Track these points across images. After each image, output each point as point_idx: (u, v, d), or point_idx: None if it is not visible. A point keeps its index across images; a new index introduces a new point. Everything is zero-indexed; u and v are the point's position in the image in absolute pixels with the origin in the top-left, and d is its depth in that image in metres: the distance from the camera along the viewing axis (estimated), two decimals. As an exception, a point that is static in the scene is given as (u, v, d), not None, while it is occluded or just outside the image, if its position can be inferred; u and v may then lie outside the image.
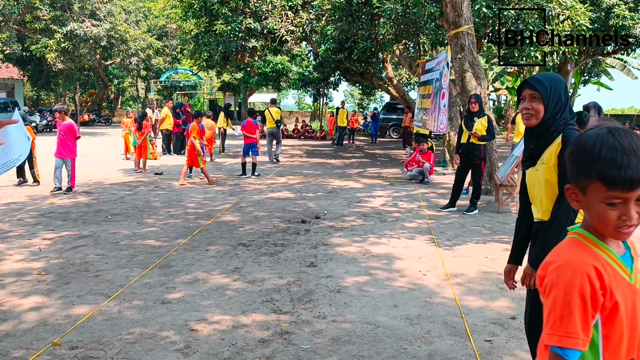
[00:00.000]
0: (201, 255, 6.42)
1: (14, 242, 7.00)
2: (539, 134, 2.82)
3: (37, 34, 29.48)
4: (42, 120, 34.26)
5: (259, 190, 11.38)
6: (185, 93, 47.96)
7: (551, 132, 2.78)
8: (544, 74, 2.85)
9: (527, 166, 2.92)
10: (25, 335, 4.19)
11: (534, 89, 2.78)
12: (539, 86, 2.78)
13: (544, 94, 2.76)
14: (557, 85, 2.79)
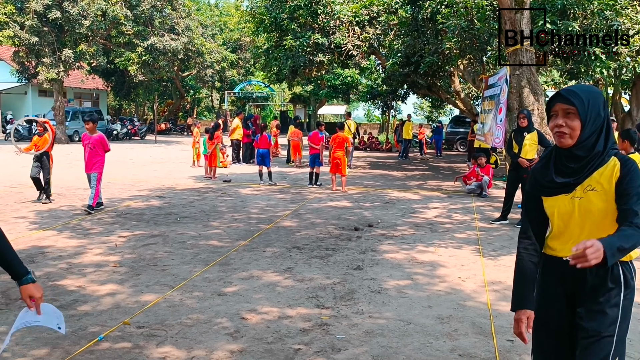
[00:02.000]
0: (258, 256, 6.99)
1: (94, 239, 7.82)
2: (577, 157, 2.41)
3: (121, 48, 31.35)
4: (123, 129, 36.27)
5: (319, 199, 11.91)
6: (258, 104, 49.42)
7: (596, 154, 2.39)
8: (578, 86, 2.45)
9: (554, 193, 2.47)
10: (101, 315, 4.85)
11: (569, 103, 2.37)
12: (574, 99, 2.36)
13: (580, 108, 2.35)
14: (595, 99, 2.38)
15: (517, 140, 8.92)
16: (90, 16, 27.82)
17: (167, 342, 4.28)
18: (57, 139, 29.87)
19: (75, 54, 28.63)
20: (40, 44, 27.96)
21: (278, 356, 4.07)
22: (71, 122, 31.94)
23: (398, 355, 4.12)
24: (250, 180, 15.19)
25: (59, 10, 27.31)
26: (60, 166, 17.74)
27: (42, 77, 28.63)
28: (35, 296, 2.61)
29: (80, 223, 8.90)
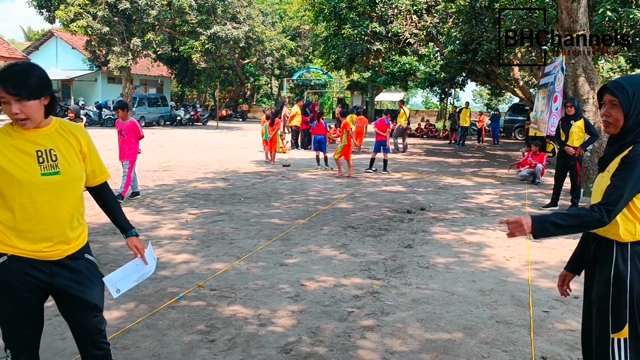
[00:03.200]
0: (316, 233, 7.56)
1: (167, 215, 8.58)
2: (615, 140, 2.66)
3: (185, 36, 32.52)
4: (186, 115, 37.55)
5: (374, 184, 12.39)
6: (316, 91, 50.05)
7: (626, 141, 2.59)
8: (630, 78, 2.61)
9: (599, 171, 2.76)
10: (178, 279, 5.53)
11: (613, 95, 2.57)
12: (619, 92, 2.55)
13: (623, 101, 2.54)
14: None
15: (564, 128, 9.14)
16: (157, 6, 29.03)
17: (236, 302, 4.90)
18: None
19: (142, 42, 29.93)
20: (111, 33, 29.38)
21: (333, 316, 4.62)
22: (137, 108, 33.38)
23: (440, 319, 4.60)
24: (308, 165, 15.80)
25: (128, 1, 28.60)
26: (130, 150, 18.84)
27: (112, 65, 30.10)
28: (139, 246, 3.12)
29: (154, 201, 9.71)
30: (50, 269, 2.75)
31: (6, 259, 2.67)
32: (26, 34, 65.36)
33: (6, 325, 2.78)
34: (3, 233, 2.67)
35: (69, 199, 2.77)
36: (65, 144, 2.79)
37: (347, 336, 4.23)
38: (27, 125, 2.65)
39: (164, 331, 4.26)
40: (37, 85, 2.62)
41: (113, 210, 3.05)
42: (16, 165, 2.63)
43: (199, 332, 4.26)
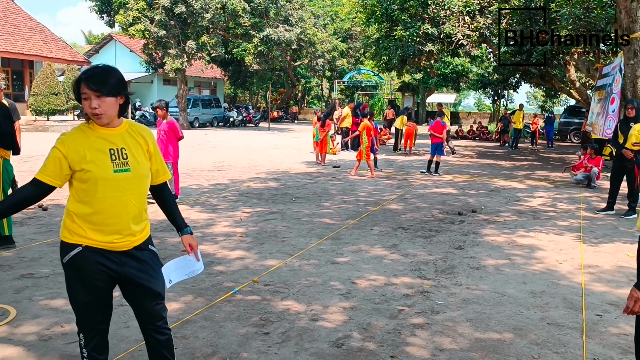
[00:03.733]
0: (366, 233, 7.66)
1: (221, 213, 8.84)
2: None
3: (238, 39, 33.07)
4: (239, 116, 38.20)
5: (425, 185, 12.38)
6: (366, 93, 50.05)
7: None
8: None
9: None
10: (234, 274, 5.72)
11: None
12: None
13: None
14: None
15: (623, 131, 8.94)
16: (212, 9, 29.64)
17: (290, 298, 5.06)
18: (180, 125, 32.20)
19: (197, 45, 30.61)
20: (167, 36, 30.16)
21: (384, 314, 4.71)
22: (192, 110, 34.16)
23: (490, 320, 4.63)
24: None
25: (184, 5, 29.30)
26: (183, 150, 19.36)
27: (168, 67, 30.88)
28: (193, 244, 3.32)
29: (208, 200, 10.00)
30: (120, 259, 2.96)
31: (81, 249, 2.90)
32: (87, 38, 67.74)
33: (81, 311, 3.00)
34: (78, 225, 2.89)
35: (136, 194, 2.98)
36: (135, 143, 3.02)
37: (397, 333, 4.32)
38: (102, 119, 2.88)
39: (220, 323, 4.44)
40: (116, 84, 2.87)
41: (171, 208, 3.28)
42: (92, 162, 2.85)
43: (253, 324, 4.43)
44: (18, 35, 29.49)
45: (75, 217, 2.91)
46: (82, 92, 2.84)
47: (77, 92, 2.87)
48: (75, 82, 2.88)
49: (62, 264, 2.96)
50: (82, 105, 2.89)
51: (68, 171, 2.86)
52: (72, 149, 2.86)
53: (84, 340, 3.03)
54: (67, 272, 2.97)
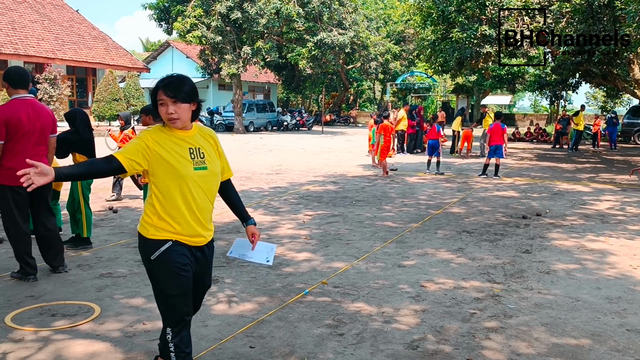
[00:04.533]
0: (430, 237, 7.63)
1: (284, 216, 8.97)
2: None
3: (292, 44, 33.40)
4: (292, 120, 38.54)
5: (485, 189, 12.22)
6: (419, 95, 49.67)
7: None
8: None
9: None
10: (303, 275, 5.81)
11: None
12: None
13: None
14: None
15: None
16: (266, 15, 30.05)
17: (360, 300, 5.10)
18: (235, 129, 32.76)
19: (252, 50, 31.08)
20: (223, 42, 30.76)
21: (456, 317, 4.70)
22: (247, 114, 34.69)
23: (566, 325, 4.56)
24: (416, 169, 15.81)
25: (240, 11, 29.83)
26: (241, 154, 19.71)
27: (224, 72, 31.48)
28: (256, 234, 3.54)
29: (270, 202, 10.16)
30: (196, 254, 3.20)
31: (171, 244, 3.10)
32: (144, 45, 69.70)
33: (170, 305, 3.17)
34: (165, 222, 3.09)
35: (211, 192, 3.22)
36: (207, 144, 3.23)
37: (471, 336, 4.31)
38: (177, 124, 3.08)
39: (294, 323, 4.53)
40: (190, 91, 3.08)
41: (235, 202, 3.53)
42: (176, 159, 3.05)
43: (327, 325, 4.49)
44: (82, 44, 30.63)
45: (160, 214, 3.09)
46: (159, 98, 3.05)
47: (154, 98, 3.09)
48: (153, 89, 3.09)
49: (147, 260, 3.14)
50: (159, 111, 3.09)
51: (145, 162, 3.03)
52: (155, 141, 3.05)
53: (171, 334, 3.18)
54: (155, 267, 3.13)
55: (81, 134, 6.43)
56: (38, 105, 5.52)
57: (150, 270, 3.19)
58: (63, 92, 26.16)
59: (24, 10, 29.86)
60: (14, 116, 5.22)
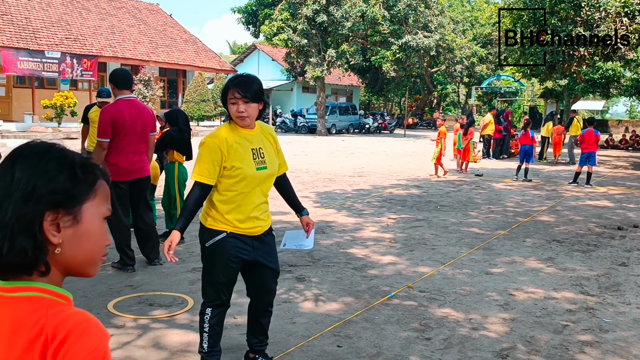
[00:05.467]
0: (518, 245, 7.44)
1: (367, 218, 8.99)
2: None
3: (377, 46, 33.37)
4: (374, 123, 38.49)
5: (576, 197, 11.75)
6: (505, 99, 48.30)
7: None
8: None
9: None
10: (388, 278, 5.82)
11: None
12: None
13: None
14: None
15: None
16: (352, 18, 30.19)
17: (447, 305, 5.06)
18: (317, 131, 33.10)
19: (337, 53, 31.29)
20: (308, 45, 31.15)
21: (547, 328, 4.57)
22: (329, 116, 34.92)
23: (668, 343, 4.33)
24: (502, 175, 15.41)
25: (325, 14, 30.11)
26: (323, 156, 19.89)
27: (308, 75, 31.86)
28: (310, 223, 3.72)
29: (354, 204, 10.21)
30: (252, 243, 3.42)
31: (225, 235, 3.34)
32: (231, 48, 71.64)
33: (214, 289, 3.45)
34: (222, 214, 3.32)
35: (267, 187, 3.47)
36: (267, 143, 3.45)
37: (564, 349, 4.17)
38: (246, 122, 3.29)
39: (381, 325, 4.55)
40: (259, 91, 3.28)
41: (290, 194, 3.75)
42: (241, 161, 3.26)
43: (414, 329, 4.48)
44: (174, 47, 31.89)
45: (219, 207, 3.32)
46: (230, 97, 3.23)
47: (224, 97, 3.27)
48: (224, 88, 3.28)
49: (203, 247, 3.42)
50: (229, 109, 3.29)
51: (220, 168, 3.26)
52: (225, 146, 3.25)
53: (209, 315, 3.48)
54: (208, 254, 3.41)
55: (183, 133, 6.71)
56: (140, 105, 5.83)
57: (203, 255, 3.48)
58: (155, 93, 27.35)
59: (122, 15, 31.46)
60: (118, 116, 5.54)
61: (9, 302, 1.09)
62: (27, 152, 1.12)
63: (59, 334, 1.04)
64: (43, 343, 1.04)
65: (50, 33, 25.87)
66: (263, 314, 3.67)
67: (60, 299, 1.11)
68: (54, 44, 25.21)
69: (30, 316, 1.07)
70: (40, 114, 24.61)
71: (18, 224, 1.06)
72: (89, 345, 1.04)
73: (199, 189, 3.28)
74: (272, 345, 4.04)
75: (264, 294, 3.61)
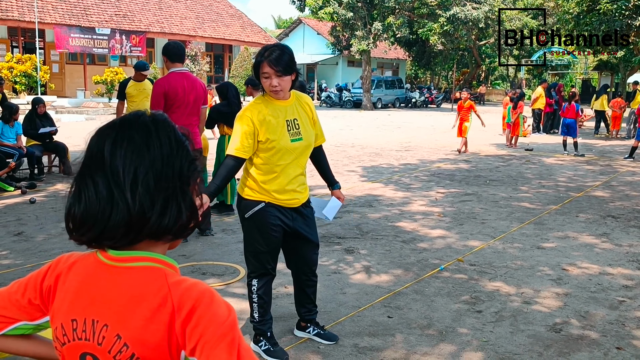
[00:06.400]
0: (571, 220, 7.27)
1: (415, 192, 8.94)
2: None
3: (424, 19, 32.77)
4: (421, 97, 37.99)
5: (633, 172, 11.38)
6: (557, 72, 46.90)
7: None
8: None
9: None
10: (438, 252, 5.79)
11: None
12: None
13: None
14: None
15: None
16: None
17: (498, 279, 5.00)
18: (363, 106, 32.89)
19: (383, 26, 30.89)
20: (354, 18, 30.83)
21: (602, 303, 4.48)
22: (375, 90, 34.63)
23: None
24: (553, 150, 15.04)
25: (372, -13, 29.70)
26: (369, 130, 19.79)
27: (354, 49, 31.61)
28: (341, 197, 3.74)
29: (401, 179, 10.16)
30: (291, 214, 3.43)
31: (264, 205, 3.35)
32: (276, 22, 71.58)
33: (258, 259, 3.46)
34: (260, 185, 3.33)
35: (304, 159, 3.46)
36: (303, 113, 3.41)
37: (620, 324, 4.09)
38: (280, 95, 3.27)
39: (431, 297, 4.54)
40: (291, 63, 3.23)
41: (324, 167, 3.74)
42: (275, 133, 3.24)
43: (464, 302, 4.46)
44: (220, 22, 32.06)
45: (258, 178, 3.32)
46: (264, 71, 3.18)
47: (257, 71, 3.22)
48: (255, 62, 3.23)
49: (242, 218, 3.43)
50: (262, 83, 3.25)
51: (255, 141, 3.26)
52: (258, 119, 3.24)
53: (256, 286, 3.50)
54: (248, 225, 3.42)
55: (232, 106, 6.76)
56: (192, 78, 5.89)
57: (244, 227, 3.49)
58: (202, 68, 27.63)
59: (169, -10, 31.75)
60: (171, 88, 5.62)
61: (124, 272, 1.09)
62: (157, 122, 1.12)
63: (185, 304, 1.04)
64: (170, 313, 1.04)
65: (100, 10, 26.35)
66: (307, 284, 3.70)
67: (171, 269, 1.12)
68: (104, 21, 25.69)
69: (150, 286, 1.07)
70: (91, 89, 25.23)
71: (182, 187, 1.08)
72: (221, 314, 1.04)
73: (233, 161, 3.26)
74: (322, 315, 4.09)
75: (305, 265, 3.64)
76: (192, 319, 1.03)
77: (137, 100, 8.10)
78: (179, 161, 1.09)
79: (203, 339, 1.01)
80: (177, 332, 1.04)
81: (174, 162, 1.08)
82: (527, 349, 3.70)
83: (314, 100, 39.01)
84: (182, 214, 1.08)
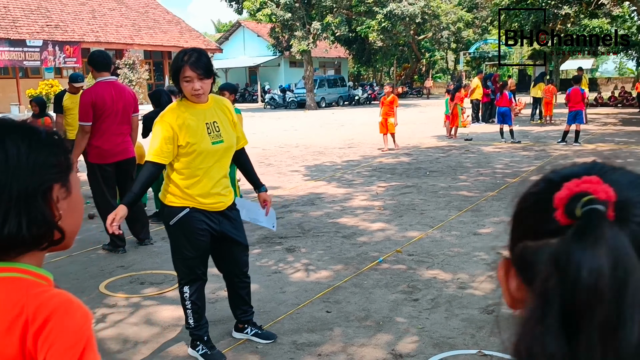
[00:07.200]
0: (507, 205, 7.49)
1: (357, 188, 9.03)
2: None
3: (362, 16, 33.10)
4: (364, 94, 38.37)
5: (565, 156, 11.81)
6: (494, 63, 48.14)
7: None
8: None
9: None
10: (377, 244, 5.88)
11: None
12: None
13: None
14: None
15: None
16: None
17: (435, 267, 5.12)
18: (307, 106, 32.98)
19: (322, 25, 31.02)
20: (292, 19, 30.85)
21: (534, 283, 4.63)
22: (318, 90, 34.75)
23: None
24: (491, 139, 15.44)
25: (308, -13, 29.79)
26: (313, 129, 19.87)
27: (294, 49, 31.63)
28: (268, 200, 3.72)
29: (343, 175, 10.24)
30: (218, 218, 3.42)
31: (188, 210, 3.32)
32: (216, 27, 70.96)
33: (187, 266, 3.44)
34: (182, 191, 3.29)
35: (227, 161, 3.45)
36: (223, 116, 3.40)
37: (550, 302, 4.24)
38: (202, 99, 3.27)
39: (369, 290, 4.60)
40: (211, 66, 3.25)
41: (249, 170, 3.75)
42: (194, 136, 3.22)
43: (402, 291, 4.54)
44: (158, 29, 31.57)
45: (179, 183, 3.29)
46: (185, 75, 3.15)
47: (176, 75, 3.17)
48: (177, 67, 3.16)
49: (167, 225, 3.38)
50: (182, 87, 3.21)
51: (175, 146, 3.23)
52: (177, 123, 3.21)
53: (188, 292, 3.47)
54: (175, 232, 3.38)
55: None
56: (120, 86, 5.80)
57: (170, 235, 3.45)
58: (142, 76, 27.14)
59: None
60: (99, 98, 5.51)
61: None
62: (9, 128, 1.07)
63: (40, 315, 1.00)
64: (23, 324, 1.00)
65: (30, 21, 25.54)
66: (240, 286, 3.69)
67: (40, 280, 1.08)
68: (35, 32, 24.91)
69: (10, 297, 1.03)
70: (26, 103, 24.38)
71: (26, 200, 1.02)
72: (73, 325, 1.01)
73: (152, 167, 3.23)
74: (261, 315, 4.10)
75: (236, 267, 3.62)
76: (45, 330, 0.99)
77: (74, 112, 7.85)
78: (25, 172, 1.03)
79: (51, 351, 0.98)
80: (29, 343, 1.00)
81: (18, 174, 1.02)
82: (460, 332, 3.80)
83: (258, 102, 38.89)
84: (22, 227, 1.02)
